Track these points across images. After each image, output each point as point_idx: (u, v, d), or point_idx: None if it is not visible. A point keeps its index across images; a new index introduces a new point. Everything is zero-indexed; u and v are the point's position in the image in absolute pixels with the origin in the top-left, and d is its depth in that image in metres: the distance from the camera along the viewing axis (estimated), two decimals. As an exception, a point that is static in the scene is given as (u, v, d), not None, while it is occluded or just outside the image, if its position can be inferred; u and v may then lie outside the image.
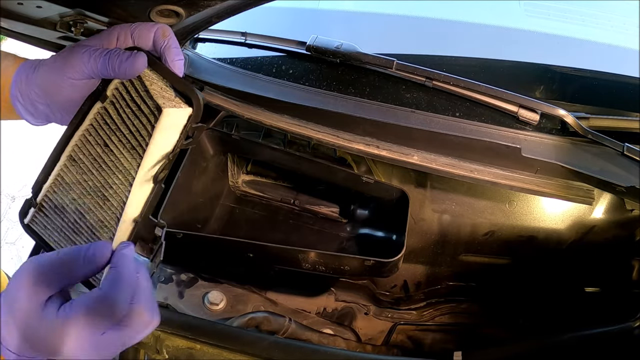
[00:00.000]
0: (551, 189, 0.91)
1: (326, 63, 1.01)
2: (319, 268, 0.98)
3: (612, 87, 1.10)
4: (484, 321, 1.20)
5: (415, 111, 0.94)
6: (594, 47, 1.24)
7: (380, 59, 0.95)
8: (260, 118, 0.96)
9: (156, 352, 0.81)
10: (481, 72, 1.07)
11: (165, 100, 0.59)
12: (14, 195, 2.72)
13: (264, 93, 0.97)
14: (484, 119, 0.93)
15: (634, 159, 0.87)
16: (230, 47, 1.08)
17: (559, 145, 0.91)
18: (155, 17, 0.67)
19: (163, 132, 0.59)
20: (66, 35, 0.71)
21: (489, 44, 1.24)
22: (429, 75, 0.95)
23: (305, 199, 1.20)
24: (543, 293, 1.17)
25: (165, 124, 0.58)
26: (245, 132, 1.15)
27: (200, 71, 1.01)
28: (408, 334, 1.19)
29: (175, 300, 1.01)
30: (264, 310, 1.01)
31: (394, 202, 1.06)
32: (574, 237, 1.08)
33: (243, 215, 1.20)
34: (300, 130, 0.95)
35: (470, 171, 0.92)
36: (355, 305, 1.19)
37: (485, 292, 1.22)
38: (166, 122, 0.58)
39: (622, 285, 1.06)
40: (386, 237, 1.13)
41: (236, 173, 1.22)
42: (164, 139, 0.60)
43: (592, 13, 1.39)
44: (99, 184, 0.63)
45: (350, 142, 0.94)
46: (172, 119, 0.59)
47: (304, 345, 0.79)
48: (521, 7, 1.37)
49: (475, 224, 1.11)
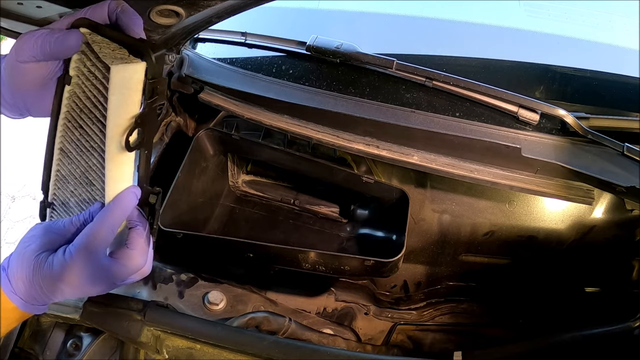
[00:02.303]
0: (551, 189, 0.91)
1: (326, 63, 1.01)
2: (319, 268, 0.98)
3: (612, 87, 1.10)
4: (484, 321, 1.20)
5: (415, 111, 0.94)
6: (594, 47, 1.24)
7: (380, 59, 0.95)
8: (260, 118, 0.96)
9: (156, 352, 0.81)
10: (481, 72, 1.07)
11: (117, 59, 0.54)
12: (14, 195, 2.72)
13: (264, 93, 0.97)
14: (484, 119, 0.93)
15: (634, 159, 0.87)
16: (230, 47, 1.08)
17: (559, 145, 0.91)
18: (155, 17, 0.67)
19: (117, 91, 0.55)
20: (66, 35, 0.71)
21: (489, 44, 1.24)
22: (429, 75, 0.95)
23: (305, 199, 1.20)
24: (543, 293, 1.17)
25: (116, 82, 0.54)
26: (245, 132, 1.15)
27: (200, 71, 1.01)
28: (408, 334, 1.19)
29: (175, 300, 1.00)
30: (264, 310, 1.01)
31: (394, 202, 1.06)
32: (574, 237, 1.08)
33: (243, 215, 1.20)
34: (300, 130, 0.95)
35: (470, 171, 0.92)
36: (355, 305, 1.19)
37: (485, 292, 1.22)
38: (117, 80, 0.54)
39: (622, 285, 1.06)
40: (386, 237, 1.13)
41: (236, 173, 1.22)
42: (122, 100, 0.55)
43: (592, 13, 1.39)
44: (83, 169, 0.61)
45: (350, 142, 0.94)
46: (123, 75, 0.54)
47: (304, 345, 0.79)
48: (521, 7, 1.37)
49: (475, 224, 1.11)
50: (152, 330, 0.79)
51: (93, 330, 0.87)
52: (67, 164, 0.63)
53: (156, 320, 0.80)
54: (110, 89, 0.54)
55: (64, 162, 0.63)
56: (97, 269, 0.57)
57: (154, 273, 1.04)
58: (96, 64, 0.56)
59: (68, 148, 0.62)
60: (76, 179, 0.63)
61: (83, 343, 0.87)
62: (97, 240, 0.57)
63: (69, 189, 0.65)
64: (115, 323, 0.80)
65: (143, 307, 0.81)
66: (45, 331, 0.89)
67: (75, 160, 0.62)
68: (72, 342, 0.88)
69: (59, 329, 0.89)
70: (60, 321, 0.87)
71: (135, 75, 0.55)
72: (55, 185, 0.66)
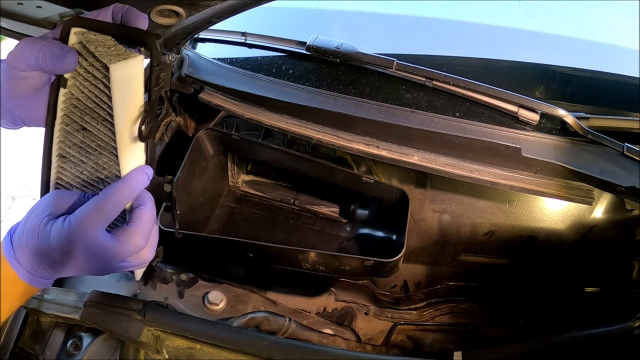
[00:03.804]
0: (551, 189, 0.91)
1: (326, 63, 1.01)
2: (319, 268, 0.98)
3: (612, 87, 1.10)
4: (484, 321, 1.20)
5: (415, 111, 0.94)
6: (594, 47, 1.24)
7: (380, 59, 0.95)
8: (260, 118, 0.96)
9: (156, 352, 0.81)
10: (481, 72, 1.07)
11: (115, 57, 0.55)
12: (14, 195, 2.72)
13: (264, 93, 0.97)
14: (484, 119, 0.93)
15: (634, 159, 0.87)
16: (230, 47, 1.08)
17: (559, 145, 0.91)
18: (155, 17, 0.67)
19: (120, 89, 0.56)
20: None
21: (489, 44, 1.24)
22: (429, 75, 0.95)
23: (305, 199, 1.20)
24: (543, 293, 1.17)
25: (118, 79, 0.55)
26: (245, 132, 1.15)
27: (200, 71, 1.01)
28: (408, 334, 1.19)
29: (175, 300, 1.01)
30: (264, 310, 1.01)
31: (394, 202, 1.06)
32: (574, 237, 1.08)
33: (243, 215, 1.20)
34: (300, 130, 0.95)
35: (470, 171, 0.92)
36: (355, 305, 1.19)
37: (485, 292, 1.22)
38: (119, 78, 0.55)
39: (622, 285, 1.06)
40: (386, 237, 1.13)
41: (236, 173, 1.22)
42: (126, 95, 0.57)
43: (592, 13, 1.39)
44: (93, 170, 0.62)
45: (350, 142, 0.94)
46: (123, 72, 0.55)
47: (304, 345, 0.79)
48: (521, 7, 1.37)
49: (475, 224, 1.11)
50: (152, 330, 0.79)
51: (93, 330, 0.87)
52: (70, 169, 0.63)
53: (156, 320, 0.80)
54: (114, 87, 0.55)
55: (67, 167, 0.63)
56: (93, 242, 0.55)
57: (154, 273, 1.04)
58: (94, 64, 0.56)
59: (70, 153, 0.62)
60: (83, 182, 0.63)
61: (83, 343, 0.88)
62: (98, 214, 0.55)
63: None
64: (115, 323, 0.80)
65: (143, 307, 0.81)
66: (45, 331, 0.89)
67: (81, 163, 0.62)
68: (72, 342, 0.88)
69: (59, 329, 0.89)
70: (60, 321, 0.87)
71: (135, 69, 0.56)
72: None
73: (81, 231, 0.54)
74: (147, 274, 1.04)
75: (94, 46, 0.56)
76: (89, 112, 0.59)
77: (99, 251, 0.56)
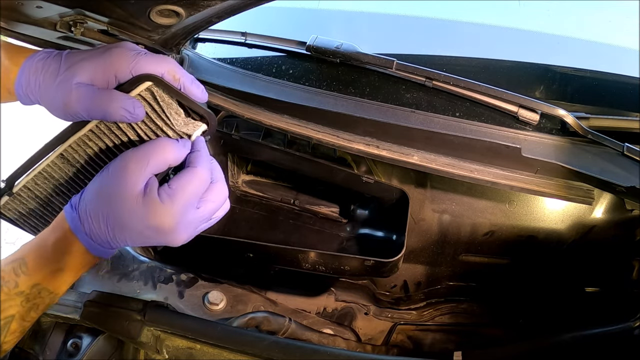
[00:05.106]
0: (551, 189, 0.91)
1: (326, 63, 1.00)
2: (319, 268, 0.98)
3: (612, 87, 1.10)
4: (484, 321, 1.20)
5: (415, 111, 0.94)
6: (594, 47, 1.24)
7: (380, 59, 0.95)
8: (260, 118, 0.96)
9: (156, 352, 0.81)
10: (481, 72, 1.07)
11: (184, 125, 0.66)
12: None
13: (264, 93, 0.97)
14: (484, 119, 0.93)
15: (634, 159, 0.87)
16: (230, 47, 1.08)
17: (559, 145, 0.91)
18: (155, 17, 0.67)
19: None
20: (66, 35, 0.71)
21: (489, 44, 1.24)
22: (429, 75, 0.94)
23: (305, 199, 1.20)
24: (543, 293, 1.17)
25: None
26: (245, 132, 1.15)
27: (200, 71, 1.01)
28: (408, 334, 1.19)
29: (175, 300, 1.01)
30: (264, 310, 1.01)
31: (394, 202, 1.06)
32: (574, 237, 1.08)
33: (243, 215, 1.20)
34: (300, 130, 0.95)
35: (470, 171, 0.92)
36: (355, 305, 1.19)
37: (485, 292, 1.22)
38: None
39: (622, 285, 1.06)
40: (386, 237, 1.13)
41: (236, 173, 1.22)
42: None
43: (592, 13, 1.39)
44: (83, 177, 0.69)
45: (350, 142, 0.94)
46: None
47: (304, 345, 0.79)
48: (521, 7, 1.37)
49: (475, 224, 1.11)
50: (152, 330, 0.80)
51: (93, 330, 0.87)
52: (68, 171, 0.68)
53: (156, 320, 0.80)
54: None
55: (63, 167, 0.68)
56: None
57: (154, 273, 1.04)
58: (156, 121, 0.64)
59: (76, 159, 0.67)
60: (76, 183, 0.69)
61: (83, 343, 0.88)
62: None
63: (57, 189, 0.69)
64: (115, 323, 0.80)
65: (143, 307, 0.81)
66: (45, 331, 0.89)
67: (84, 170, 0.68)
68: (72, 342, 0.88)
69: (59, 329, 0.89)
70: (60, 321, 0.87)
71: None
72: (34, 182, 0.68)
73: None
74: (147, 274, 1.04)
75: (166, 105, 0.64)
76: (114, 138, 0.65)
77: (195, 219, 0.62)
